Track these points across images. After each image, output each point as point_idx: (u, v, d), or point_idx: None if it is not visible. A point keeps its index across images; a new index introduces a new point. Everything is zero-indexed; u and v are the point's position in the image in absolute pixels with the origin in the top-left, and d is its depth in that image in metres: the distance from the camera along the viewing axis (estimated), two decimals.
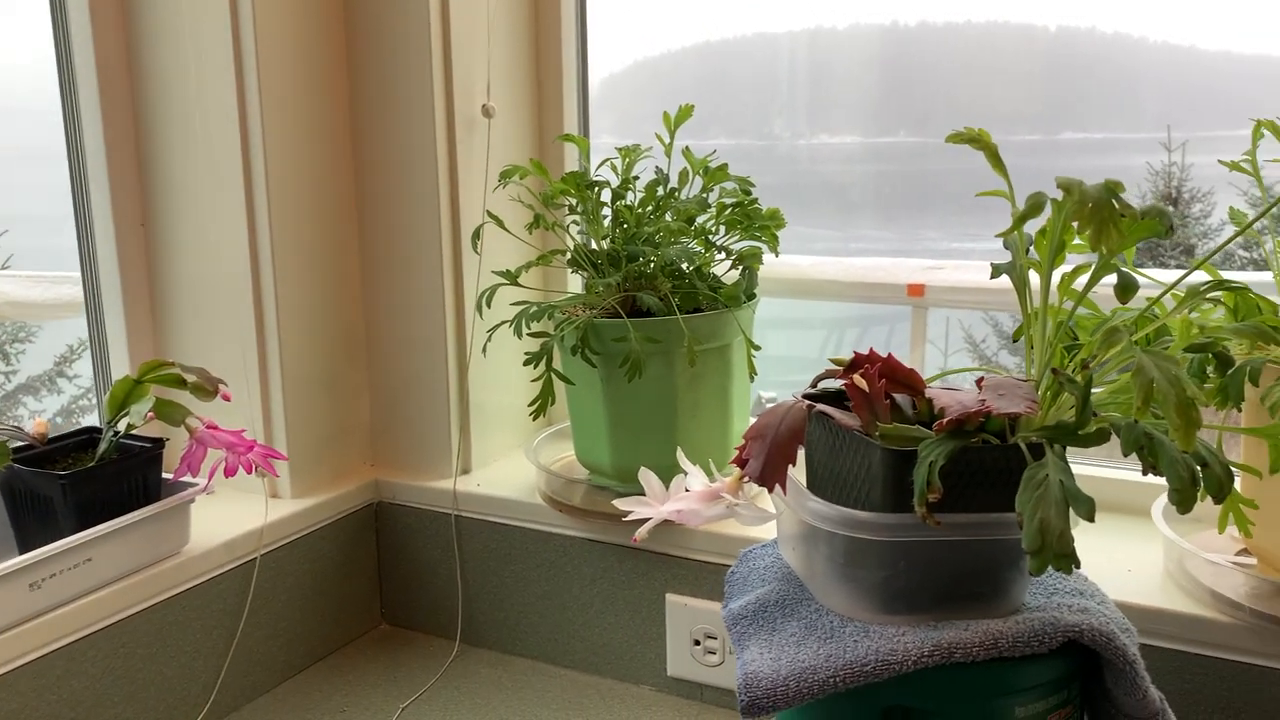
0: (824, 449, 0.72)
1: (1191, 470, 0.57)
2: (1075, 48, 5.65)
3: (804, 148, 3.40)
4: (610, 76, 1.82)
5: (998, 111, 4.61)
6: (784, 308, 4.52)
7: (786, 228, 1.10)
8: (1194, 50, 4.00)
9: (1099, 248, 0.54)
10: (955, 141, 0.68)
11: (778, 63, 2.99)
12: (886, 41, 3.49)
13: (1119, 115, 4.47)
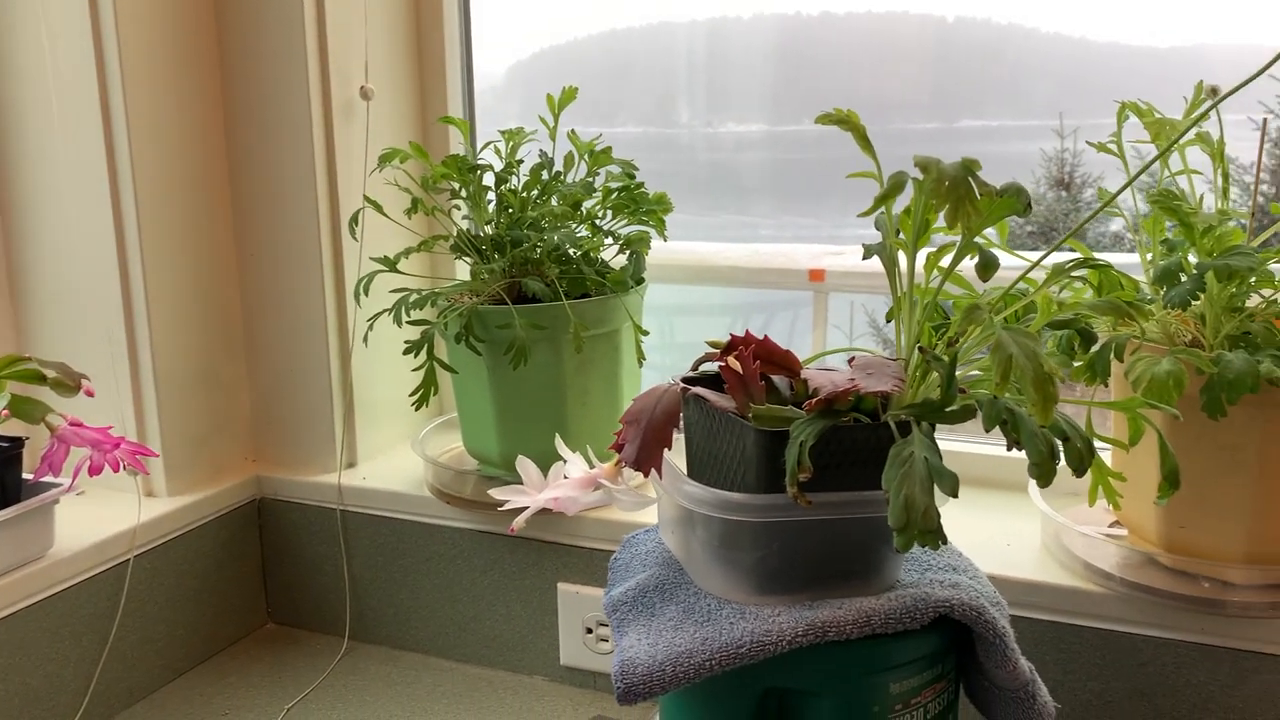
0: (701, 432, 0.71)
1: (1050, 444, 0.58)
2: (972, 37, 5.78)
3: (711, 135, 3.41)
4: (517, 64, 1.79)
5: (898, 100, 4.69)
6: (692, 294, 4.54)
7: (694, 215, 1.10)
8: (1084, 41, 4.13)
9: (955, 225, 0.54)
10: (824, 123, 0.68)
11: (683, 51, 2.99)
12: (789, 30, 3.52)
13: (1014, 103, 4.58)
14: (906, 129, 5.99)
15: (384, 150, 1.06)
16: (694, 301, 4.53)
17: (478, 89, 1.40)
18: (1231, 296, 0.81)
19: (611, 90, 3.12)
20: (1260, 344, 0.78)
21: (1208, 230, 0.78)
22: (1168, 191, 0.80)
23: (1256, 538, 0.81)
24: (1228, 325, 0.80)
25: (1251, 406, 0.76)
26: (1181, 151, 0.84)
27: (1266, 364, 0.73)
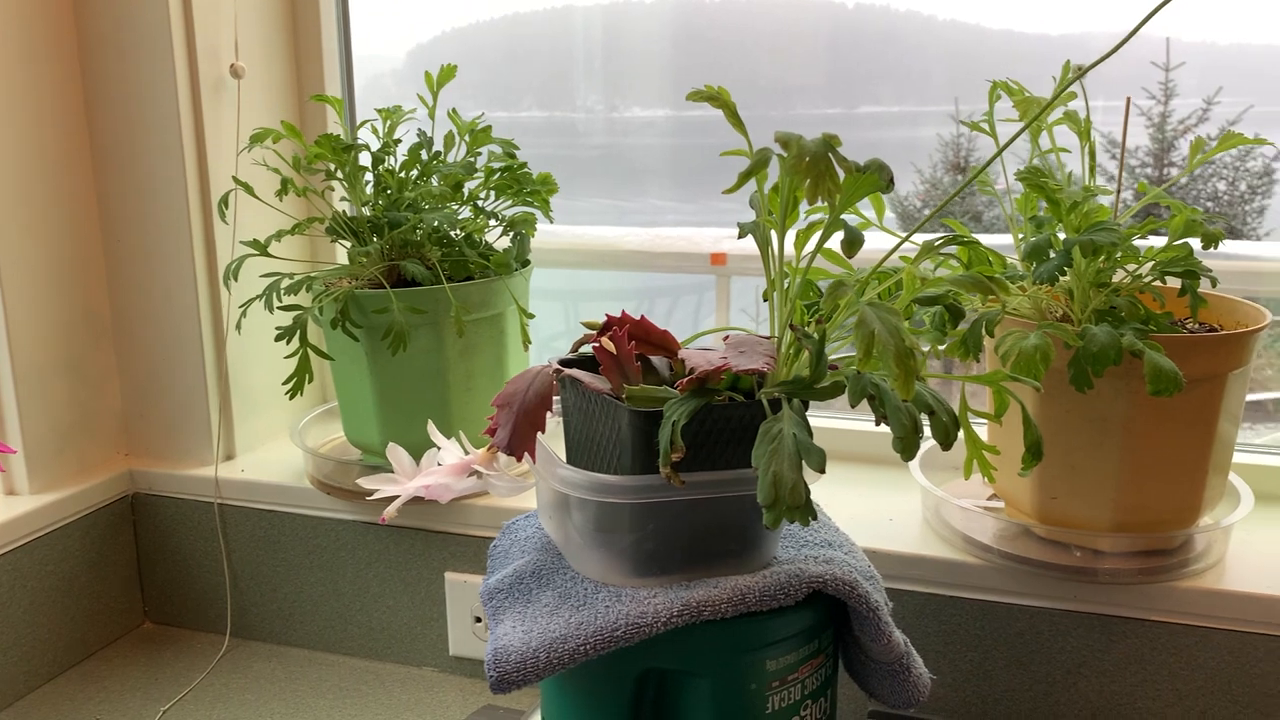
0: (578, 415, 0.70)
1: (913, 418, 0.58)
2: (871, 24, 5.88)
3: (615, 120, 3.40)
4: (417, 47, 1.75)
5: (799, 85, 4.74)
6: (597, 279, 4.53)
7: (598, 200, 1.09)
8: (979, 28, 4.22)
9: (815, 200, 0.54)
10: (694, 99, 0.67)
11: (585, 35, 2.97)
12: (690, 15, 3.52)
13: (913, 90, 4.66)
14: (809, 114, 6.06)
15: (255, 130, 1.02)
16: (599, 286, 4.52)
17: (377, 72, 1.36)
18: (1099, 272, 0.83)
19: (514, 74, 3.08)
20: (1125, 317, 0.80)
21: (1074, 207, 0.80)
22: (1035, 169, 0.81)
23: (1124, 507, 0.83)
24: (1095, 300, 0.82)
25: (1117, 379, 0.78)
26: (1050, 130, 0.86)
27: (1129, 337, 0.75)
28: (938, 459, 0.99)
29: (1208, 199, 7.58)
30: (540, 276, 1.12)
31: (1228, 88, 9.10)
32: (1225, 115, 7.94)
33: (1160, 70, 7.49)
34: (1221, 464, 0.86)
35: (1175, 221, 0.79)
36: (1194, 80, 7.66)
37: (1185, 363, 0.76)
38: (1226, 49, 9.04)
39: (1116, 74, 3.03)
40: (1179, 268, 0.79)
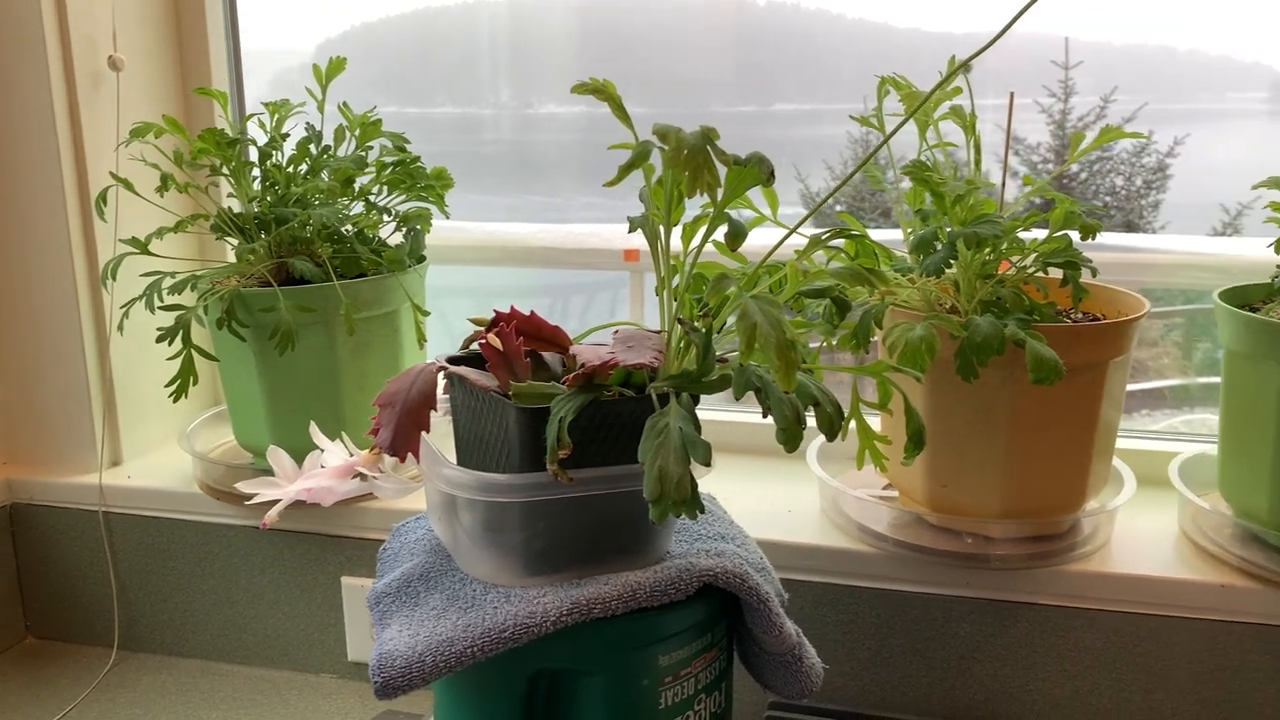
0: (466, 413, 0.69)
1: (796, 410, 0.58)
2: (782, 22, 5.95)
3: (530, 116, 3.38)
4: (327, 41, 1.71)
5: (712, 82, 4.77)
6: (512, 276, 4.47)
7: (511, 196, 1.07)
8: (887, 27, 4.30)
9: (694, 193, 0.54)
10: (579, 92, 0.66)
11: (493, 31, 2.94)
12: (599, 10, 3.52)
13: (823, 87, 4.72)
14: (724, 111, 6.13)
15: (135, 124, 0.98)
16: (514, 283, 4.47)
17: (286, 66, 1.32)
18: (984, 264, 0.84)
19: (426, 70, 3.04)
20: (1009, 308, 0.82)
21: (959, 200, 0.81)
22: (920, 163, 0.82)
23: (1012, 493, 0.85)
24: (981, 291, 0.84)
25: (1002, 368, 0.79)
26: (936, 125, 0.87)
27: (1011, 327, 0.76)
28: (836, 450, 1.00)
29: (1106, 193, 7.83)
30: (453, 274, 1.10)
31: (1123, 86, 9.41)
32: (1122, 113, 8.20)
33: (1060, 69, 7.71)
34: (1105, 449, 0.88)
35: (1056, 213, 0.81)
36: (1092, 79, 7.92)
37: (1067, 351, 0.78)
38: (1122, 49, 9.35)
39: (1020, 72, 3.13)
40: (1060, 259, 0.81)
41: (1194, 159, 8.80)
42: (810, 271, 0.64)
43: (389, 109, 1.06)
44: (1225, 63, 11.06)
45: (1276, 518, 0.83)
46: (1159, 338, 6.45)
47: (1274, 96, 11.53)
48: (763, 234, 0.87)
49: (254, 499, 0.68)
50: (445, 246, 1.25)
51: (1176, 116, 10.70)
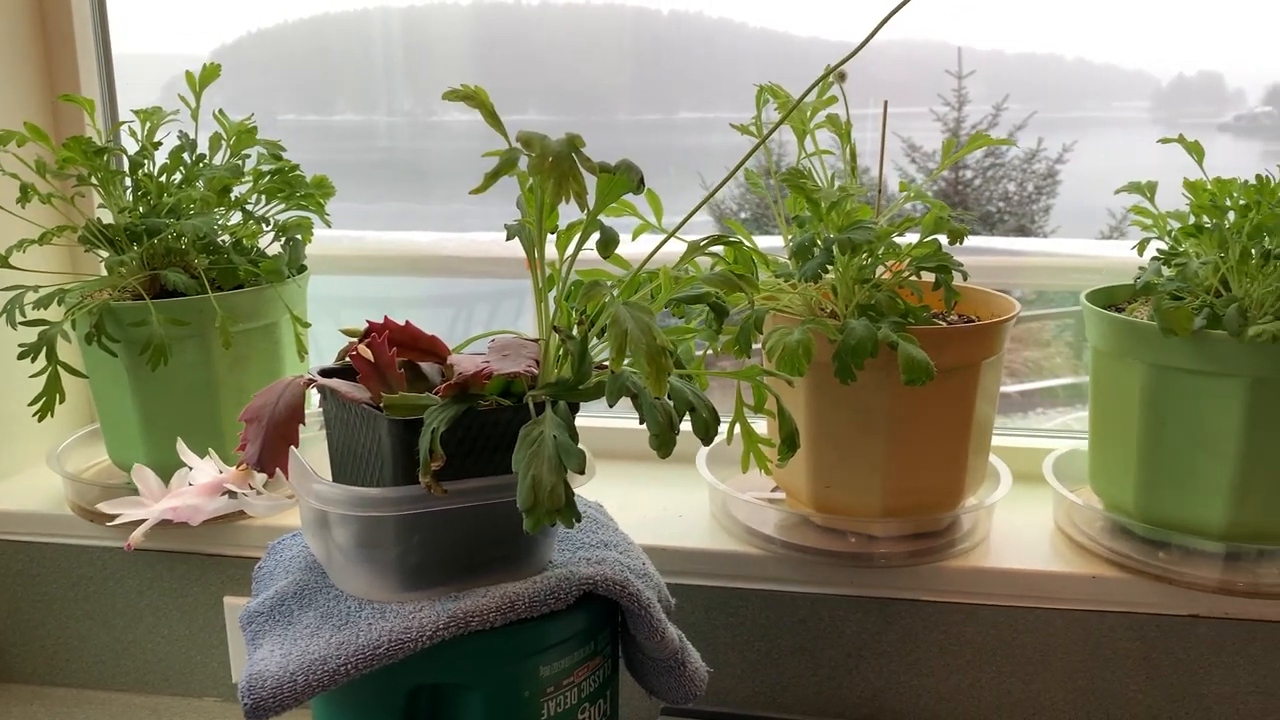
0: (339, 426, 0.68)
1: (669, 416, 0.59)
2: (686, 31, 6.03)
3: (434, 124, 3.35)
4: (222, 47, 1.66)
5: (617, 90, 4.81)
6: (417, 285, 4.41)
7: (412, 204, 1.05)
8: (788, 36, 4.39)
9: (559, 201, 0.54)
10: (450, 99, 0.66)
11: (391, 38, 2.91)
12: (498, 19, 3.51)
13: (729, 95, 4.79)
14: (628, 120, 6.15)
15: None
16: (417, 293, 4.42)
17: (178, 73, 1.27)
18: (861, 269, 0.86)
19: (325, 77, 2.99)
20: (885, 311, 0.83)
21: (834, 206, 0.83)
22: (796, 171, 0.83)
23: (892, 492, 0.87)
24: (859, 295, 0.85)
25: (879, 370, 0.81)
26: (813, 134, 0.89)
27: (885, 330, 0.78)
28: (727, 454, 1.01)
29: (999, 199, 8.08)
30: (355, 284, 1.08)
31: (1015, 95, 9.70)
32: (1013, 120, 8.47)
33: (954, 78, 7.92)
34: (981, 447, 0.91)
35: (926, 219, 0.83)
36: (985, 88, 8.16)
37: (940, 353, 0.80)
38: (1014, 57, 9.63)
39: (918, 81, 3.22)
40: (932, 263, 0.83)
41: (1082, 165, 9.14)
42: (683, 279, 0.65)
43: (287, 116, 1.03)
44: (1110, 72, 11.51)
45: (1142, 510, 0.87)
46: (1051, 338, 6.67)
47: (1156, 105, 12.01)
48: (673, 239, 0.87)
49: (117, 520, 0.66)
50: (344, 256, 1.23)
51: (1065, 124, 11.08)
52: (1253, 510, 0.82)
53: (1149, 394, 0.83)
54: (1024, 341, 7.18)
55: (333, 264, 1.25)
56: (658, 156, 6.74)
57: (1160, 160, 0.96)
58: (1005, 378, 2.99)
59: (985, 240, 1.20)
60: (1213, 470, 0.82)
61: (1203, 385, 0.81)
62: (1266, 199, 0.79)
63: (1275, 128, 10.69)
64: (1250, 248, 0.81)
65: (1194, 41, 13.20)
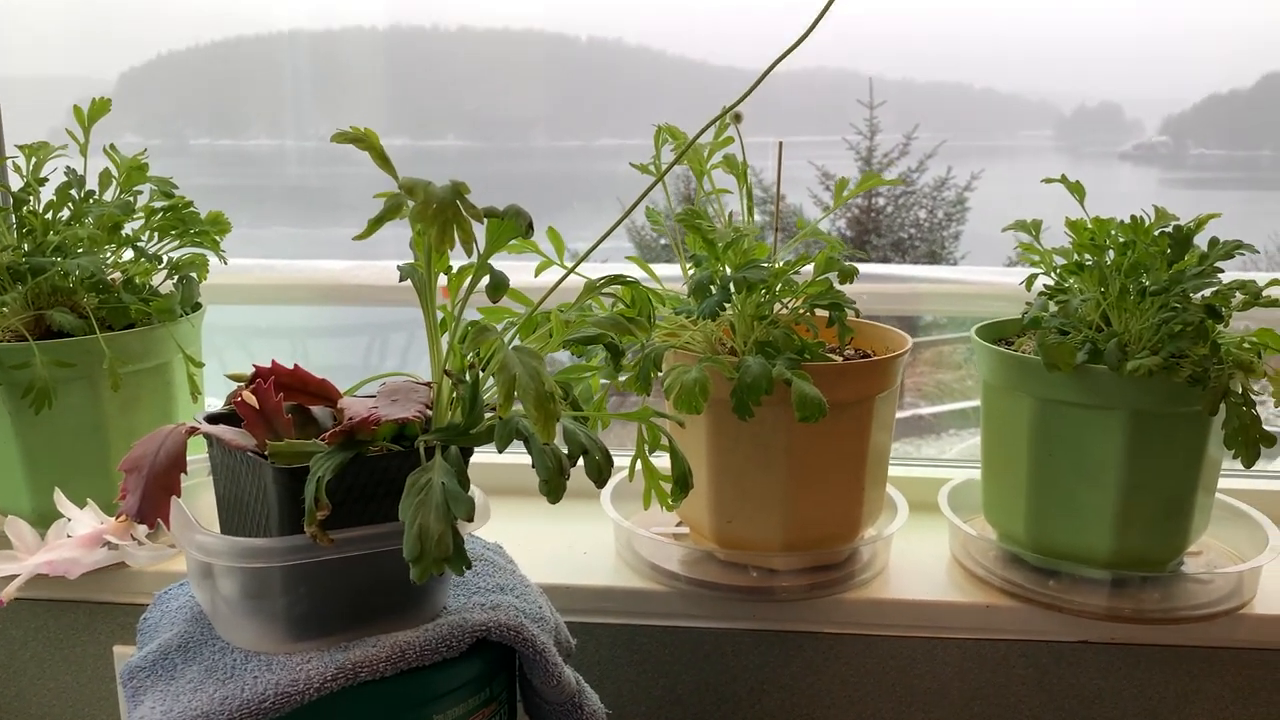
0: (224, 474, 0.66)
1: (558, 461, 0.59)
2: (604, 59, 6.10)
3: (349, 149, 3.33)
4: (130, 70, 1.62)
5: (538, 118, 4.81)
6: (332, 314, 4.36)
7: (328, 229, 1.03)
8: (704, 64, 4.46)
9: (442, 249, 0.54)
10: (339, 141, 0.65)
11: (303, 63, 2.88)
12: (411, 44, 3.48)
13: (648, 122, 4.87)
14: (548, 146, 6.12)
15: None
16: (332, 321, 4.35)
17: (84, 95, 1.24)
18: (758, 306, 0.87)
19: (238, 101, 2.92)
20: (781, 348, 0.85)
21: (730, 245, 0.84)
22: (692, 211, 0.84)
23: (791, 526, 0.88)
24: (757, 331, 0.87)
25: (776, 406, 0.82)
26: (709, 174, 0.90)
27: (779, 367, 0.79)
28: (634, 488, 1.01)
29: (910, 225, 8.28)
30: (266, 314, 1.06)
31: (925, 124, 9.93)
32: (923, 149, 8.69)
33: (866, 108, 8.10)
34: (878, 479, 0.92)
35: (819, 258, 0.84)
36: (896, 117, 8.38)
37: (835, 388, 0.82)
38: (924, 87, 9.90)
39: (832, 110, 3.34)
40: (826, 300, 0.84)
41: (991, 192, 9.40)
42: (575, 321, 0.65)
43: (200, 140, 1.01)
44: (1016, 102, 11.84)
45: (1033, 539, 0.89)
46: (963, 361, 6.78)
47: (1060, 134, 12.44)
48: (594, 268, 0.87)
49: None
50: (254, 286, 1.21)
51: (974, 152, 11.35)
52: (1135, 538, 0.85)
53: (1036, 426, 0.86)
54: (937, 365, 7.35)
55: (243, 293, 1.23)
56: (577, 181, 6.80)
57: (1063, 188, 0.99)
58: (919, 400, 3.10)
59: (895, 268, 1.23)
60: (1097, 500, 0.85)
61: (1086, 418, 0.83)
62: (1141, 239, 0.83)
63: (1171, 156, 11.24)
64: (1128, 284, 0.84)
65: (1094, 73, 13.69)
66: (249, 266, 1.23)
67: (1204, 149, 10.99)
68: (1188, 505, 0.85)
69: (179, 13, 2.39)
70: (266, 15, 3.15)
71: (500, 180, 5.37)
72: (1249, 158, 10.67)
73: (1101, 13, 12.30)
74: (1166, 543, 0.86)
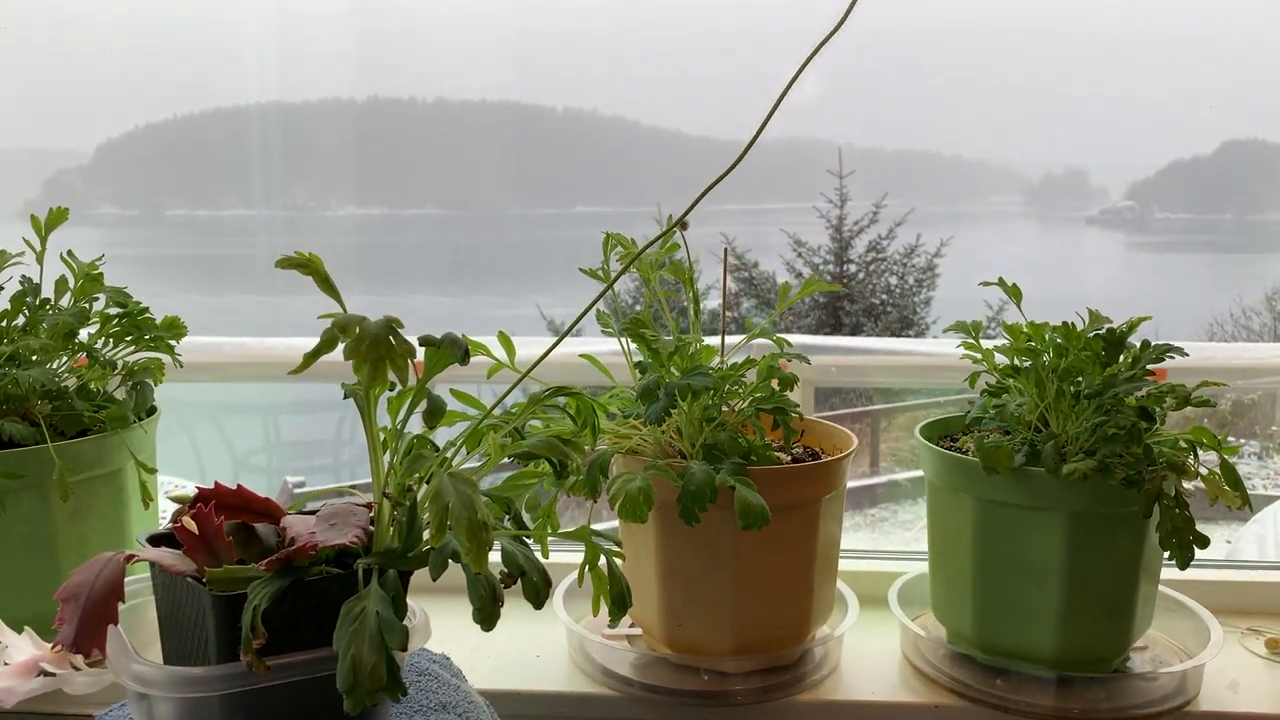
0: (165, 599, 0.66)
1: (492, 588, 0.59)
2: (579, 128, 6.24)
3: (329, 218, 3.35)
4: (108, 141, 1.64)
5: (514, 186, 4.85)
6: (306, 390, 4.35)
7: (293, 297, 1.04)
8: (679, 134, 4.55)
9: (375, 385, 0.55)
10: (283, 266, 0.66)
11: (274, 136, 2.92)
12: (389, 118, 3.54)
13: (622, 190, 4.94)
14: (526, 214, 6.21)
15: None
16: (306, 397, 4.33)
17: (62, 167, 1.25)
18: (705, 408, 0.88)
19: (217, 171, 2.93)
20: (727, 451, 0.86)
21: (675, 352, 0.86)
22: (638, 320, 0.86)
23: (742, 629, 0.88)
24: (705, 434, 0.88)
25: (724, 509, 0.83)
26: (655, 280, 0.92)
27: (723, 474, 0.80)
28: (587, 591, 1.01)
29: (882, 292, 8.39)
30: (238, 391, 1.06)
31: (894, 190, 10.12)
32: (893, 215, 8.84)
33: (835, 178, 8.25)
34: (827, 578, 0.93)
35: (761, 365, 0.86)
36: (866, 185, 8.54)
37: (780, 492, 0.83)
38: (893, 154, 10.21)
39: (804, 178, 3.43)
40: (769, 405, 0.86)
41: (961, 257, 9.55)
42: (509, 446, 0.66)
43: (177, 210, 1.02)
44: (984, 169, 12.23)
45: (980, 638, 0.90)
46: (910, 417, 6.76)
47: (1027, 200, 12.82)
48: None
49: None
50: (226, 363, 1.22)
51: (943, 218, 11.57)
52: (1079, 637, 0.86)
53: (979, 527, 0.87)
54: (911, 430, 7.42)
55: (214, 371, 1.24)
56: (553, 249, 6.89)
57: (1032, 252, 1.01)
58: (895, 466, 3.11)
59: (864, 340, 1.25)
60: (1041, 599, 0.86)
61: (1027, 519, 0.85)
62: (1073, 345, 0.85)
63: (1136, 221, 11.50)
64: (1065, 387, 0.86)
65: (1060, 140, 14.07)
66: (219, 344, 1.24)
67: (1169, 213, 11.25)
68: (1130, 603, 0.86)
69: (158, 86, 2.39)
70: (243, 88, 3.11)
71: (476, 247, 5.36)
72: (1212, 221, 10.92)
73: (1065, 81, 12.64)
74: (1111, 641, 0.87)
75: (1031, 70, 16.34)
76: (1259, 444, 6.79)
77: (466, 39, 23.39)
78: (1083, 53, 25.41)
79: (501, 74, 11.08)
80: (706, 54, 29.61)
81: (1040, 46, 30.52)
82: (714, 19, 34.46)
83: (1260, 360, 2.77)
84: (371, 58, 11.26)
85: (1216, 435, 0.85)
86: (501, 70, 17.40)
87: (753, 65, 21.09)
